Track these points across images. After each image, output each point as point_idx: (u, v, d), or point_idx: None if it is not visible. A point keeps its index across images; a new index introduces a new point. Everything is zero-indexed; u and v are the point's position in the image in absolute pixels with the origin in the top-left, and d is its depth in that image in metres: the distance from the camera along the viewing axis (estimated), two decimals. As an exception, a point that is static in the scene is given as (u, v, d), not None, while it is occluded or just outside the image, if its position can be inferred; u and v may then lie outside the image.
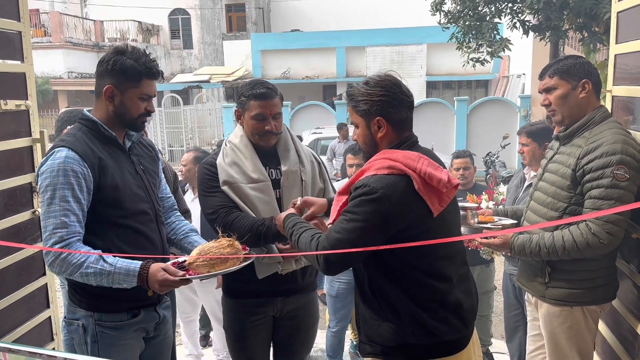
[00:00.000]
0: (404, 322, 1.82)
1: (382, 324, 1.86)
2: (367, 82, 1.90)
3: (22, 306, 2.64)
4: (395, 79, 1.91)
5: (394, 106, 1.86)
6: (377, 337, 1.89)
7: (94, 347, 2.00)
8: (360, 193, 1.76)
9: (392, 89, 1.87)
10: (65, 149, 1.91)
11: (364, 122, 1.90)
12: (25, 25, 2.67)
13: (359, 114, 1.90)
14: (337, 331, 3.80)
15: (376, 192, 1.72)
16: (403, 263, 1.81)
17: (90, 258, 1.86)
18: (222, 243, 1.97)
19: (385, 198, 1.72)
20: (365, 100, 1.87)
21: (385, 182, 1.74)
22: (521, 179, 3.48)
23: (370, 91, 1.86)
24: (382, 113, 1.86)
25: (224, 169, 2.32)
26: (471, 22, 10.11)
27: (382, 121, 1.87)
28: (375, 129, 1.89)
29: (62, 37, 20.45)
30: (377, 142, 1.91)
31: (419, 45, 19.68)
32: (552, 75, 2.28)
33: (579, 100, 2.25)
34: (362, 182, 1.78)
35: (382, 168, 1.78)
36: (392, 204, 1.73)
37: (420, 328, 1.81)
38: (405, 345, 1.83)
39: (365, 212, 1.73)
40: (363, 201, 1.74)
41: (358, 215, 1.74)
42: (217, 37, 24.33)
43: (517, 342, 3.51)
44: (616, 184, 2.06)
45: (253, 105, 2.30)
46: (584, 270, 2.25)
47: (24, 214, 2.64)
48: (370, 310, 1.90)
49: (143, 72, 1.99)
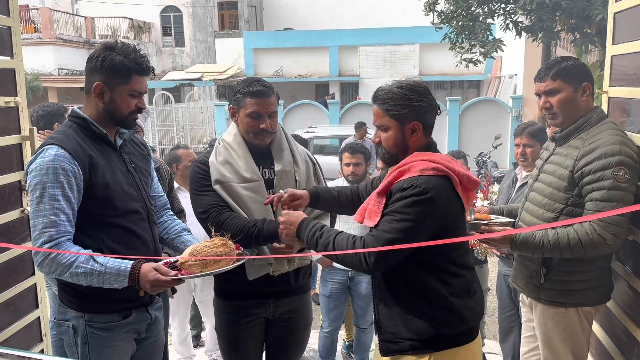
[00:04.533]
0: (438, 314, 1.90)
1: (415, 319, 1.91)
2: (402, 87, 1.94)
3: (10, 307, 2.59)
4: (426, 85, 1.98)
5: (429, 111, 1.95)
6: (407, 333, 1.92)
7: (84, 349, 1.97)
8: (412, 194, 1.80)
9: (428, 95, 1.96)
10: (55, 147, 1.87)
11: (398, 126, 1.95)
12: (14, 20, 2.62)
13: (393, 117, 1.94)
14: (329, 331, 3.78)
15: (427, 192, 1.79)
16: (441, 256, 1.91)
17: (81, 258, 1.83)
18: (215, 242, 1.95)
19: (436, 198, 1.80)
20: (403, 104, 1.92)
21: (433, 182, 1.82)
22: (513, 180, 3.48)
23: (410, 96, 1.92)
24: (419, 117, 1.93)
25: (216, 168, 2.29)
26: (464, 23, 10.14)
27: (417, 125, 1.94)
28: (409, 132, 1.95)
29: (53, 33, 20.24)
30: (408, 145, 1.97)
31: (412, 45, 19.72)
32: (554, 78, 2.26)
33: (579, 103, 2.25)
34: (410, 183, 1.82)
35: (427, 169, 1.84)
36: (441, 204, 1.82)
37: (453, 318, 1.90)
38: (438, 336, 1.90)
39: (417, 212, 1.80)
40: (415, 202, 1.79)
41: (409, 215, 1.80)
42: (210, 35, 24.22)
43: (510, 343, 3.50)
44: (617, 185, 2.06)
45: (249, 103, 2.27)
46: (578, 271, 2.24)
47: (13, 213, 2.59)
48: (400, 308, 1.94)
49: (133, 68, 1.95)
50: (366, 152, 3.68)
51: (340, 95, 20.34)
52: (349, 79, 20.52)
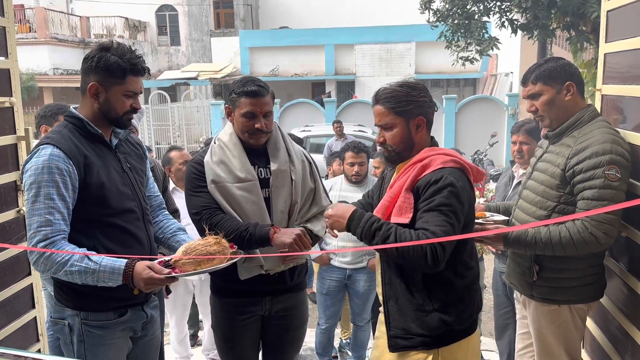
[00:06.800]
0: (451, 309, 1.95)
1: (428, 315, 1.94)
2: (402, 85, 2.01)
3: (6, 307, 2.59)
4: (423, 84, 2.09)
5: (431, 107, 2.04)
6: (419, 329, 1.96)
7: (80, 347, 1.98)
8: (446, 184, 1.86)
9: (427, 92, 2.05)
10: (50, 147, 1.88)
11: (404, 122, 2.00)
12: (9, 20, 2.62)
13: (399, 114, 1.99)
14: (326, 329, 3.79)
15: (457, 183, 1.87)
16: (463, 248, 1.96)
17: (75, 256, 1.83)
18: (209, 241, 1.96)
19: (464, 189, 1.90)
20: (408, 101, 1.98)
21: (458, 174, 1.91)
22: (510, 177, 3.49)
23: (412, 92, 1.99)
24: (423, 113, 2.01)
25: (211, 168, 2.30)
26: (460, 21, 10.16)
27: (422, 120, 2.01)
28: (415, 128, 2.01)
29: (48, 33, 20.17)
30: (414, 141, 2.02)
31: (408, 43, 19.72)
32: (535, 82, 2.28)
33: (565, 103, 2.26)
34: (440, 175, 1.87)
35: (448, 162, 1.92)
36: (468, 194, 1.93)
37: (463, 312, 1.97)
38: (448, 332, 1.95)
39: (456, 202, 1.86)
40: (452, 192, 1.85)
41: (452, 207, 1.85)
42: (205, 34, 24.16)
43: (506, 340, 3.52)
44: (608, 184, 2.07)
45: (244, 103, 2.28)
46: (571, 269, 2.25)
47: (9, 213, 2.60)
48: (413, 304, 1.97)
49: (127, 68, 1.96)
50: (368, 150, 3.65)
51: (336, 93, 20.33)
52: (345, 78, 20.51)
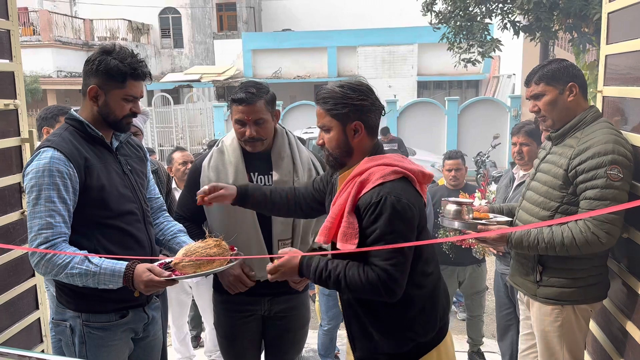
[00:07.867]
0: (414, 323, 1.85)
1: (391, 334, 1.86)
2: (343, 86, 1.85)
3: (10, 308, 2.61)
4: (369, 85, 1.90)
5: (371, 111, 1.86)
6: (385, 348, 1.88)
7: (81, 348, 1.99)
8: (385, 208, 1.71)
9: (370, 94, 1.87)
10: (51, 150, 1.89)
11: (340, 126, 1.86)
12: (13, 23, 2.64)
13: (335, 117, 1.85)
14: (328, 329, 3.79)
15: (398, 203, 1.72)
16: (418, 258, 1.84)
17: (76, 258, 1.84)
18: (209, 243, 1.95)
19: (409, 203, 1.75)
20: (344, 104, 1.83)
21: (400, 187, 1.76)
22: (510, 179, 3.49)
23: (350, 94, 1.83)
24: (360, 117, 1.84)
25: (205, 173, 2.34)
26: (462, 23, 10.17)
27: (359, 125, 1.85)
28: (352, 133, 1.86)
29: (52, 35, 20.25)
30: (352, 147, 1.88)
31: (410, 45, 19.71)
32: (538, 82, 2.29)
33: (567, 103, 2.26)
34: (379, 196, 1.73)
35: (388, 174, 1.77)
36: (414, 205, 1.77)
37: (427, 322, 1.87)
38: (415, 347, 1.87)
39: (399, 226, 1.73)
40: (394, 213, 1.71)
41: (396, 233, 1.72)
42: (208, 36, 24.22)
43: (508, 341, 3.52)
44: (610, 184, 2.07)
45: (235, 110, 2.27)
46: (575, 269, 2.25)
47: (12, 215, 2.61)
48: (375, 323, 1.88)
49: (128, 72, 1.95)
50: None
51: (339, 95, 20.30)
52: (348, 80, 20.48)
